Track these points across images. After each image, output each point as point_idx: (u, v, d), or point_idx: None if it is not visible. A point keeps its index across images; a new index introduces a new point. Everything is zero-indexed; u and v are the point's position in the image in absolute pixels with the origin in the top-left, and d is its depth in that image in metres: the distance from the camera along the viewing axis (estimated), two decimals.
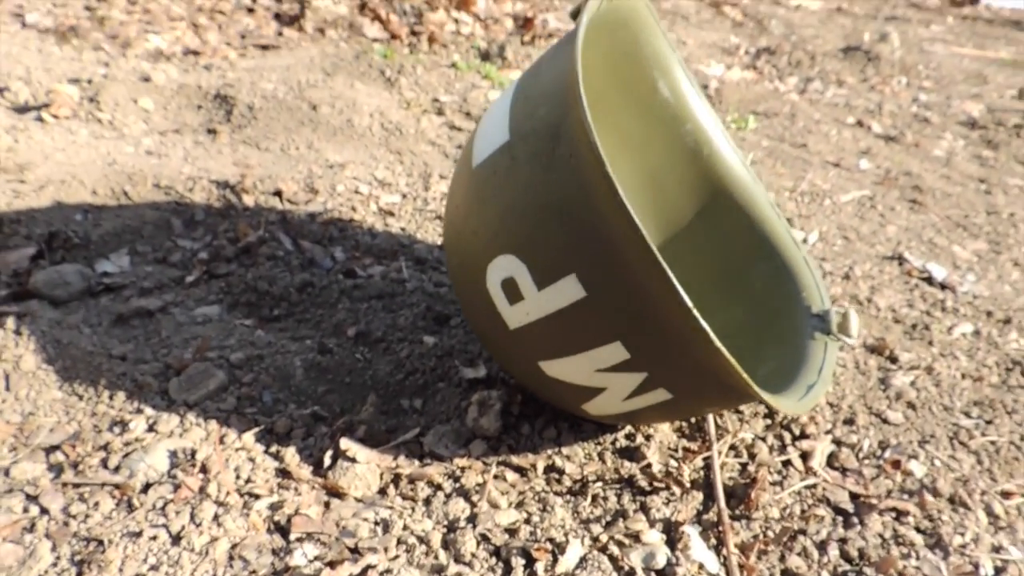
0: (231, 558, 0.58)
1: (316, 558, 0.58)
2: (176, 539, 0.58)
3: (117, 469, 0.64)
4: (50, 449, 0.67)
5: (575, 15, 0.68)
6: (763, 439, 0.79)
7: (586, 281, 0.58)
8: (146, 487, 0.63)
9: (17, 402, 0.72)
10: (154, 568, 0.56)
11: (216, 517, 0.61)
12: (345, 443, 0.70)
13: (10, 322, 0.80)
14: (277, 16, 2.31)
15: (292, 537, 0.61)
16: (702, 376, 0.59)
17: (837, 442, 0.80)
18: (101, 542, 0.57)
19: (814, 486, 0.73)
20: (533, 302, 0.62)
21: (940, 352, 1.01)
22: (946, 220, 1.48)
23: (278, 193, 1.20)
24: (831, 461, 0.77)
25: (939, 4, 4.74)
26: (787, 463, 0.75)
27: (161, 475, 0.64)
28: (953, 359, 1.00)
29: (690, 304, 0.53)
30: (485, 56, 2.22)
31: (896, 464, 0.76)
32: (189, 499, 0.62)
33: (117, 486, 0.63)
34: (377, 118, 1.61)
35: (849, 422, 0.83)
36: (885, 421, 0.84)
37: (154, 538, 0.58)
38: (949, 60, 3.13)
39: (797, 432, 0.80)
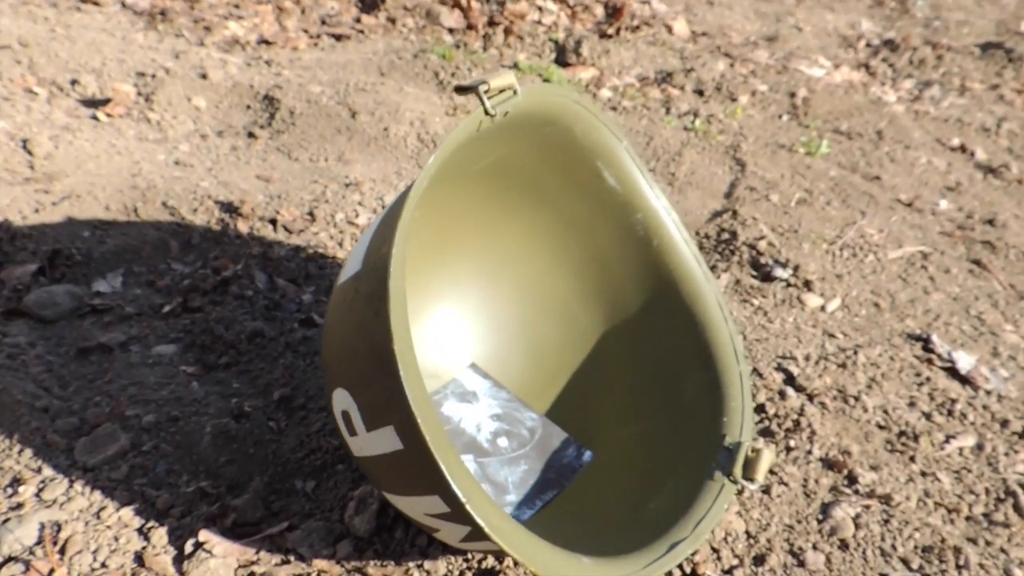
0: None
1: None
2: None
3: None
4: None
5: (460, 91, 0.64)
6: None
7: (402, 435, 0.57)
8: (5, 562, 0.67)
9: None
10: None
11: None
12: (205, 535, 0.71)
13: None
14: (361, 1, 2.32)
15: None
16: None
17: None
18: None
19: None
20: (364, 440, 0.61)
21: (920, 471, 0.92)
22: (1010, 290, 1.32)
23: (273, 221, 1.22)
24: None
25: None
26: None
27: (23, 549, 0.69)
28: (932, 482, 0.90)
29: (459, 493, 0.50)
30: (560, 51, 2.15)
31: None
32: None
33: None
34: (416, 127, 1.60)
35: (758, 560, 0.77)
36: (800, 564, 0.77)
37: None
38: None
39: (688, 570, 0.75)
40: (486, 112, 0.64)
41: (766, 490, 0.85)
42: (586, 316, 0.91)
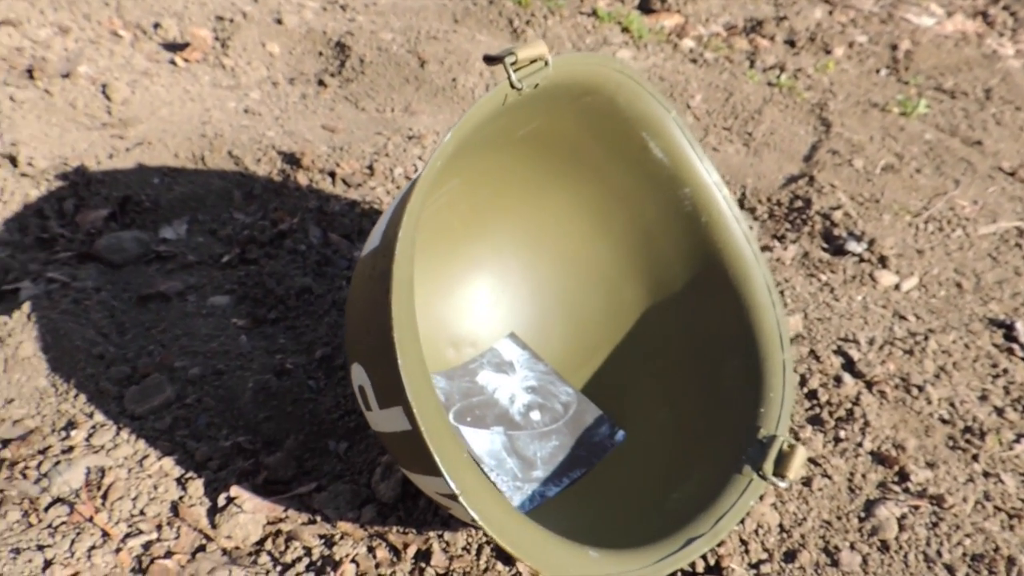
0: None
1: None
2: (47, 565, 0.66)
3: (39, 479, 0.73)
4: (4, 443, 0.77)
5: (488, 61, 0.62)
6: None
7: (410, 417, 0.56)
8: (52, 503, 0.72)
9: (9, 387, 0.83)
10: None
11: (90, 549, 0.68)
12: (236, 490, 0.74)
13: (25, 306, 0.91)
14: None
15: None
16: None
17: None
18: None
19: None
20: (377, 416, 0.61)
21: (983, 471, 0.86)
22: None
23: (333, 173, 1.23)
24: None
25: None
26: None
27: (70, 492, 0.73)
28: (995, 484, 0.85)
29: (452, 486, 0.50)
30: None
31: None
32: (78, 524, 0.70)
33: (31, 499, 0.72)
34: (485, 78, 1.58)
35: (789, 556, 0.75)
36: (834, 563, 0.74)
37: (29, 561, 0.66)
38: None
39: (712, 562, 0.73)
40: (512, 86, 0.61)
41: (806, 482, 0.82)
42: (629, 291, 0.89)
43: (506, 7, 1.82)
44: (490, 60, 0.63)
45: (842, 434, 0.87)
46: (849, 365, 0.97)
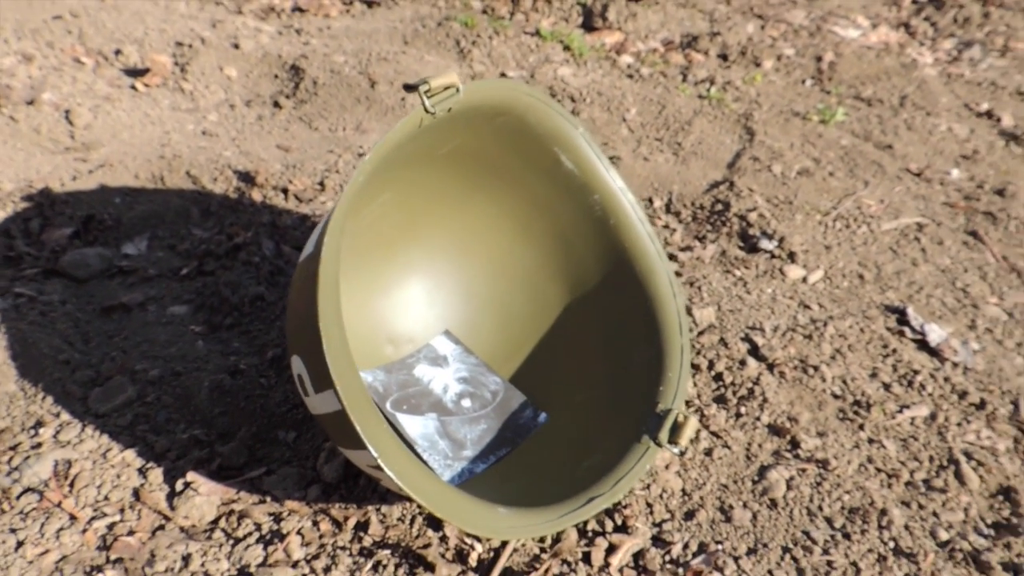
0: (55, 570, 0.73)
1: None
2: (19, 545, 0.74)
3: (10, 472, 0.81)
4: None
5: (407, 88, 0.71)
6: (584, 523, 0.82)
7: (336, 395, 0.65)
8: (22, 492, 0.79)
9: None
10: None
11: (59, 531, 0.76)
12: (192, 476, 0.82)
13: None
14: None
15: (110, 557, 0.75)
16: None
17: (656, 539, 0.82)
18: None
19: None
20: (314, 400, 0.70)
21: (868, 438, 0.97)
22: (1002, 262, 1.33)
23: (285, 190, 1.32)
24: (637, 560, 0.79)
25: None
26: (587, 556, 0.79)
27: (39, 483, 0.80)
28: (877, 449, 0.95)
29: (371, 450, 0.59)
30: (588, 15, 2.18)
31: (697, 575, 0.77)
32: (47, 510, 0.78)
33: (3, 489, 0.79)
34: None
35: (689, 515, 0.84)
36: (728, 519, 0.84)
37: (3, 542, 0.74)
38: None
39: (620, 521, 0.83)
40: (426, 110, 0.71)
41: (708, 452, 0.92)
42: (551, 289, 0.98)
43: (453, 29, 1.92)
44: (408, 88, 0.72)
45: (743, 410, 0.97)
46: (754, 350, 1.07)
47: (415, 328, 0.99)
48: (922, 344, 1.13)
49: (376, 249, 0.96)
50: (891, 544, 0.83)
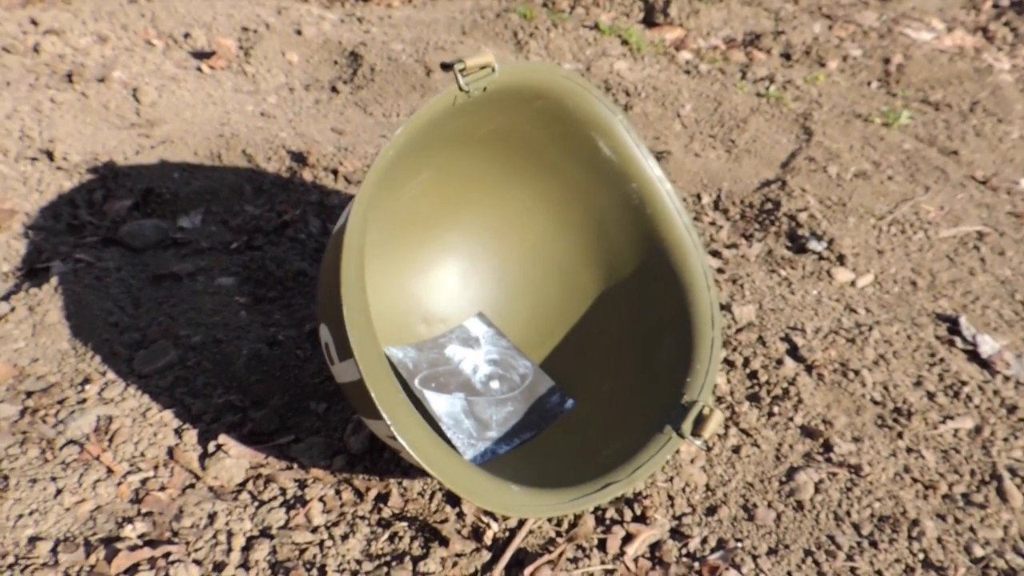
0: (89, 519, 0.76)
1: (142, 534, 0.75)
2: (57, 493, 0.78)
3: (56, 425, 0.85)
4: (28, 394, 0.89)
5: (444, 67, 0.72)
6: (602, 509, 0.82)
7: (360, 366, 0.67)
8: (65, 444, 0.83)
9: (35, 348, 0.95)
10: (31, 512, 0.76)
11: (96, 482, 0.79)
12: (224, 439, 0.85)
13: (53, 280, 1.03)
14: None
15: (141, 511, 0.78)
16: None
17: (675, 531, 0.81)
18: (8, 480, 0.78)
19: (612, 571, 0.76)
20: (338, 369, 0.72)
21: (906, 447, 0.94)
22: None
23: (335, 171, 1.34)
24: (653, 551, 0.79)
25: None
26: (602, 543, 0.79)
27: (81, 436, 0.84)
28: (915, 459, 0.93)
29: (385, 416, 0.60)
30: (649, 11, 2.16)
31: (713, 571, 0.76)
32: (86, 462, 0.81)
33: (48, 440, 0.83)
34: None
35: (710, 511, 0.83)
36: (750, 518, 0.83)
37: (44, 489, 0.78)
38: None
39: (639, 512, 0.82)
40: (460, 88, 0.72)
41: (736, 450, 0.91)
42: (586, 276, 0.98)
43: (511, 20, 1.93)
44: (444, 67, 0.73)
45: (776, 409, 0.96)
46: (793, 350, 1.05)
47: (449, 309, 1.00)
48: (973, 355, 1.09)
49: (414, 228, 0.97)
50: (920, 556, 0.80)
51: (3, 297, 1.02)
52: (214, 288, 1.11)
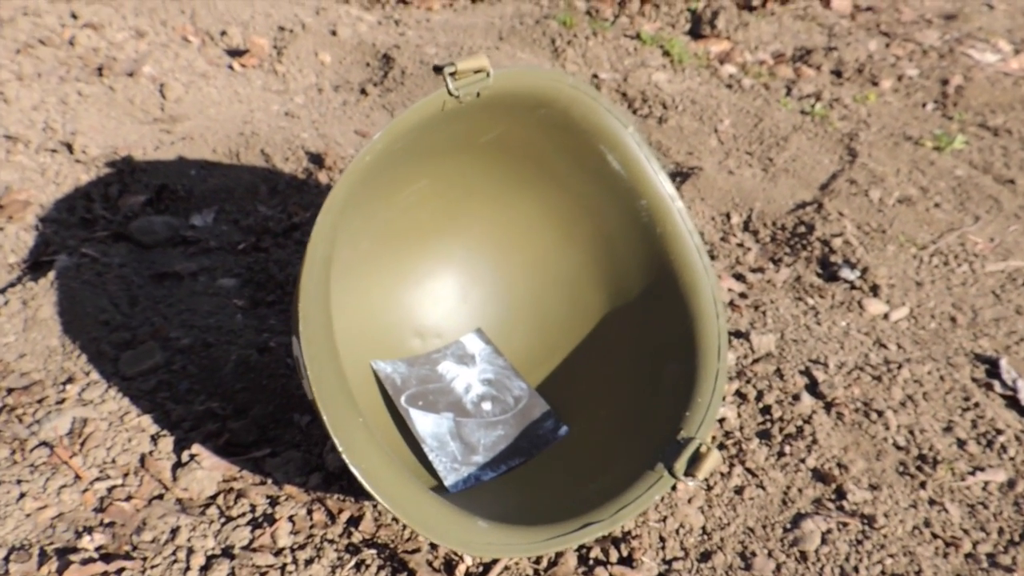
0: (48, 526, 0.74)
1: (99, 547, 0.72)
2: (20, 497, 0.75)
3: (31, 424, 0.83)
4: (9, 391, 0.87)
5: (436, 70, 0.68)
6: (586, 547, 0.77)
7: (307, 381, 0.63)
8: (37, 446, 0.81)
9: (24, 343, 0.94)
10: None
11: (61, 487, 0.77)
12: (197, 448, 0.82)
13: (51, 275, 1.02)
14: None
15: (104, 521, 0.75)
16: None
17: None
18: None
19: None
20: (306, 384, 0.67)
21: (929, 498, 0.86)
22: None
23: None
24: None
25: None
26: None
27: (55, 438, 0.82)
28: (938, 512, 0.85)
29: (337, 443, 0.56)
30: (696, 22, 2.09)
31: None
32: (55, 466, 0.79)
33: (20, 440, 0.81)
34: None
35: (704, 556, 0.77)
36: (747, 567, 0.76)
37: (7, 492, 0.75)
38: None
39: (625, 553, 0.76)
40: (449, 93, 0.67)
41: (739, 491, 0.84)
42: (590, 295, 0.93)
43: (550, 27, 1.88)
44: (436, 70, 0.69)
45: (787, 449, 0.89)
46: (812, 386, 0.98)
47: (445, 323, 0.96)
48: (1012, 401, 1.01)
49: (410, 238, 0.93)
50: None
51: (0, 290, 1.01)
52: (214, 289, 1.09)
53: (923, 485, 0.87)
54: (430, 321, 0.95)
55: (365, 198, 0.82)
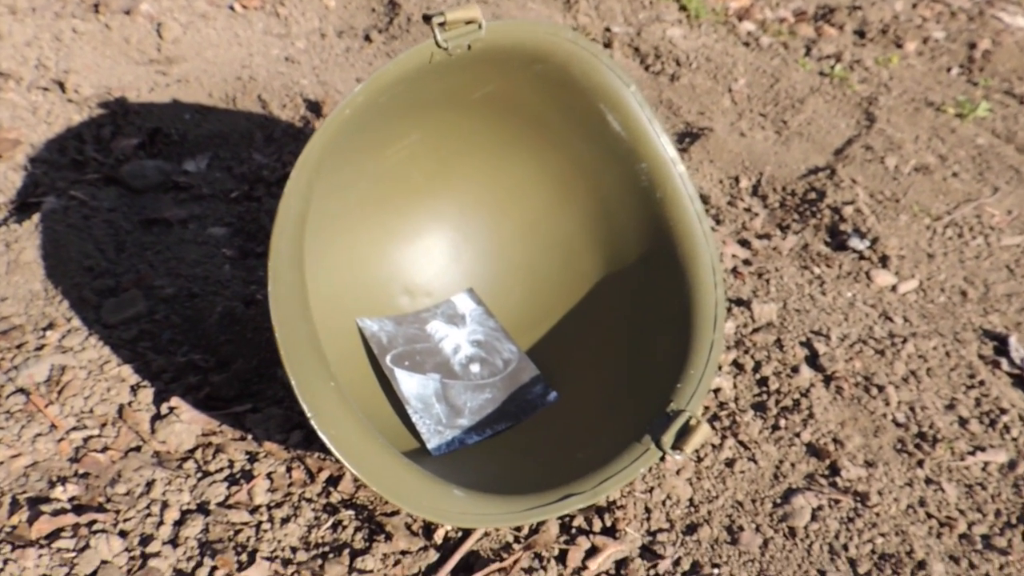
0: (22, 475, 0.72)
1: (72, 497, 0.71)
2: None
3: (9, 371, 0.81)
4: None
5: (426, 19, 0.65)
6: (569, 517, 0.75)
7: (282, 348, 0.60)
8: (13, 393, 0.79)
9: (6, 286, 0.92)
10: None
11: (36, 436, 0.75)
12: (176, 401, 0.80)
13: (35, 217, 1.00)
14: None
15: (78, 471, 0.73)
16: None
17: (646, 548, 0.73)
18: None
19: None
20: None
21: (926, 477, 0.84)
22: None
23: None
24: (619, 569, 0.71)
25: None
26: (563, 554, 0.71)
27: (32, 384, 0.80)
28: (934, 491, 0.83)
29: (305, 408, 0.54)
30: None
31: None
32: (31, 414, 0.77)
33: None
34: None
35: (690, 529, 0.75)
36: (733, 542, 0.74)
37: None
38: None
39: (609, 523, 0.74)
40: (437, 44, 0.64)
41: (729, 463, 0.82)
42: (586, 259, 0.90)
43: None
44: (425, 19, 0.65)
45: (782, 423, 0.86)
46: (812, 358, 0.95)
47: (436, 282, 0.93)
48: (1019, 380, 0.98)
49: (401, 193, 0.90)
50: None
51: None
52: (204, 237, 1.06)
53: (920, 463, 0.85)
54: (420, 279, 0.92)
55: (353, 150, 0.78)
